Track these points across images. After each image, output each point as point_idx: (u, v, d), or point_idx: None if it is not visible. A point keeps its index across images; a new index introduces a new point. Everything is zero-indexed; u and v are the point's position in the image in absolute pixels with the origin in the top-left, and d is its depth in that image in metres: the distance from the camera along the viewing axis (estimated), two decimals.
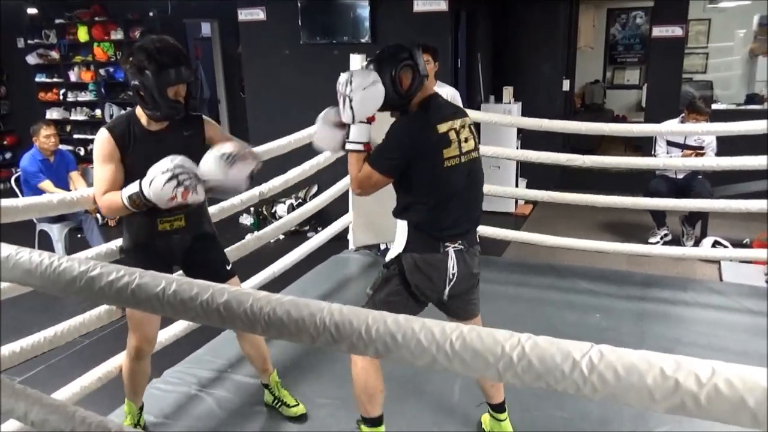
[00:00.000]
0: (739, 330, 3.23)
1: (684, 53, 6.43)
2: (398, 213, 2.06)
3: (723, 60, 8.33)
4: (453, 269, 1.99)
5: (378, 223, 3.98)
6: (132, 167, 2.07)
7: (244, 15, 6.02)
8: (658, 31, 6.23)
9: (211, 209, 2.62)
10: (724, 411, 0.76)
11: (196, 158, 2.07)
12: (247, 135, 6.36)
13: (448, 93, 4.25)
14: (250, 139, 6.13)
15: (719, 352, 2.89)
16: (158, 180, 1.94)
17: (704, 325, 3.32)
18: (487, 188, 4.57)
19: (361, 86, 1.93)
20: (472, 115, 4.41)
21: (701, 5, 7.82)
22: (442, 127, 1.94)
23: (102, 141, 2.08)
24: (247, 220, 5.90)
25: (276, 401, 2.55)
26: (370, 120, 2.03)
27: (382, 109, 2.01)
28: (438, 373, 2.48)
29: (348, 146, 2.05)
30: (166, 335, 2.79)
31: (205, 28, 8.22)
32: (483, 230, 4.11)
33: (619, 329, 3.20)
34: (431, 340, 0.92)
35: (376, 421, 2.11)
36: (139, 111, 2.13)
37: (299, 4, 5.69)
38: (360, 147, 2.02)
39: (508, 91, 6.10)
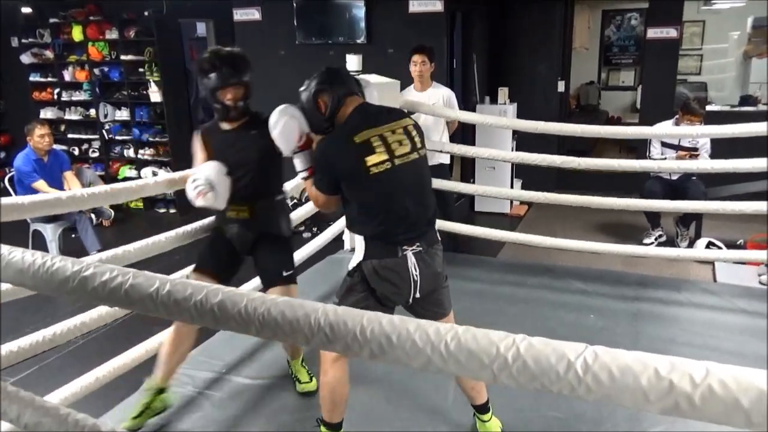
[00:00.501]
0: (733, 331, 3.24)
1: (678, 55, 6.45)
2: (349, 226, 2.12)
3: (717, 62, 8.37)
4: (415, 271, 1.99)
5: None
6: (211, 158, 2.46)
7: (240, 15, 6.01)
8: (652, 33, 6.25)
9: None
10: (719, 412, 0.76)
11: (258, 155, 2.41)
12: None
13: (443, 93, 4.25)
14: None
15: (713, 353, 2.90)
16: (189, 181, 2.37)
17: (698, 325, 3.33)
18: (482, 189, 4.64)
19: (273, 127, 2.14)
20: (468, 116, 4.44)
21: (696, 7, 7.85)
22: (360, 137, 1.96)
23: (196, 138, 2.55)
24: None
25: (293, 375, 2.69)
26: (304, 147, 2.16)
27: (314, 132, 2.13)
28: (432, 376, 2.48)
29: (299, 174, 2.22)
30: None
31: (201, 28, 8.20)
32: (478, 231, 4.12)
33: (614, 330, 3.21)
34: (426, 341, 0.92)
35: (335, 427, 2.14)
36: None
37: (295, 5, 5.68)
38: (305, 174, 2.19)
39: (503, 92, 6.11)
